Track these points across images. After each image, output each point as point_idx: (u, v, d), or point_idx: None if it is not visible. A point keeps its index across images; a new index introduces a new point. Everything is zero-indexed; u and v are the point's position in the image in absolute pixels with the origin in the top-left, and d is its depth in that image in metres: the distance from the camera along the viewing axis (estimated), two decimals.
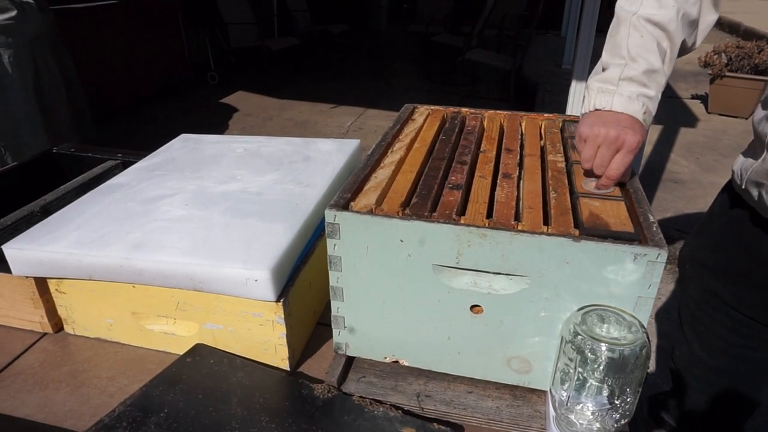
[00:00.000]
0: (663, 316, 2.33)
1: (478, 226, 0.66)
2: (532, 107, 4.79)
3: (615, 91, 0.78)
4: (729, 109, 4.42)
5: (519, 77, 5.66)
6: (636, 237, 0.64)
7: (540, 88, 5.37)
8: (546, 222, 0.69)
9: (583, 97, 0.83)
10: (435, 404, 0.75)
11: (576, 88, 3.90)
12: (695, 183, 3.26)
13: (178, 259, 0.79)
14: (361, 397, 0.75)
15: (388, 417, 0.72)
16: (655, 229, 0.65)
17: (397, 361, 0.80)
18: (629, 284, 0.64)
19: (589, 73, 2.64)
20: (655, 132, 4.11)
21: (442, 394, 0.77)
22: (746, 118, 4.33)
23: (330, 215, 0.70)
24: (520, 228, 0.67)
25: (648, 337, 0.62)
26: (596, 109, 0.79)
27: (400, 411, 0.73)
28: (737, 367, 1.07)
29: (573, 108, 3.82)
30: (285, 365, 0.84)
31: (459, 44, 5.91)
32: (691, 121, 4.41)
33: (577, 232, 0.65)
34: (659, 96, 0.81)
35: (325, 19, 7.61)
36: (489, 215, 0.71)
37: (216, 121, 4.90)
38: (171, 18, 5.43)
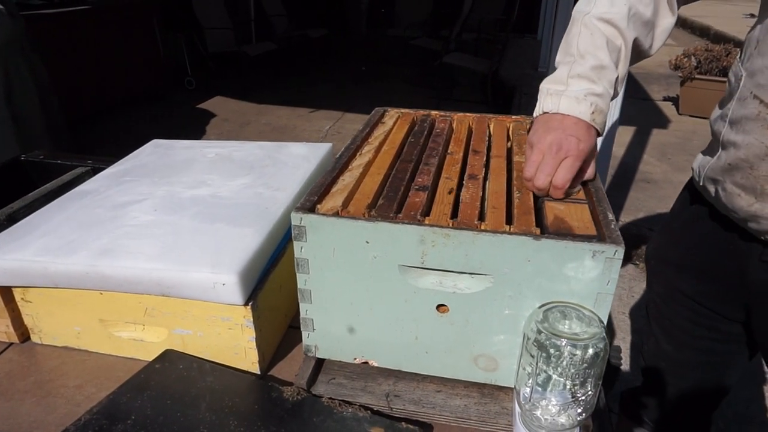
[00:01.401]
0: (637, 313, 2.38)
1: (441, 227, 0.67)
2: (509, 110, 4.84)
3: (563, 92, 0.78)
4: (699, 110, 4.52)
5: (496, 80, 5.72)
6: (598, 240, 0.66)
7: (517, 90, 5.43)
8: (509, 221, 0.70)
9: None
10: (404, 404, 0.76)
11: None
12: (667, 183, 3.33)
13: (145, 264, 0.79)
14: (330, 398, 0.76)
15: (357, 417, 0.72)
16: (613, 226, 0.67)
17: (366, 362, 0.80)
18: (589, 281, 0.65)
19: None
20: (628, 134, 4.18)
21: (411, 393, 0.78)
22: None
23: (296, 218, 0.70)
24: (483, 228, 0.68)
25: (607, 332, 0.64)
26: (544, 112, 0.79)
27: (368, 411, 0.73)
28: (702, 360, 1.10)
29: None
30: (255, 369, 0.84)
31: (437, 48, 5.96)
32: (663, 122, 4.50)
33: (538, 231, 0.67)
34: (611, 92, 0.81)
35: (303, 23, 7.61)
36: (454, 216, 0.72)
37: (193, 127, 4.87)
38: (146, 23, 5.38)
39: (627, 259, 2.75)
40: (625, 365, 2.05)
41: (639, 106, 5.00)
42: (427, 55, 6.31)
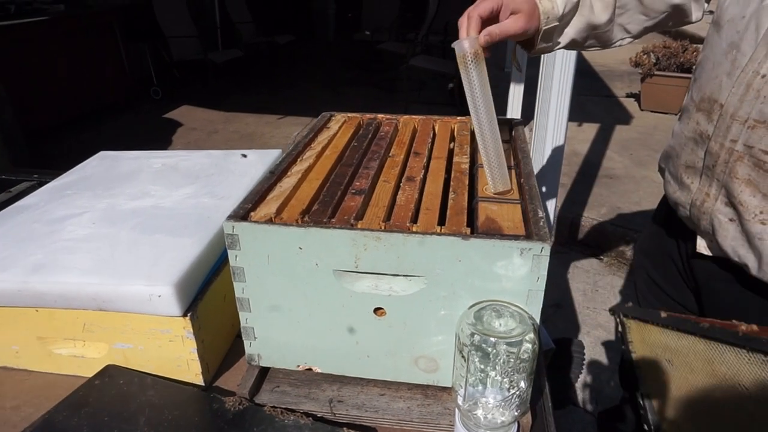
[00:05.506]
0: (602, 308, 2.41)
1: (372, 230, 0.67)
2: None
3: None
4: (660, 105, 4.62)
5: None
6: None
7: None
8: (442, 222, 0.71)
9: None
10: (347, 409, 0.76)
11: (514, 90, 4.00)
12: (629, 178, 3.39)
13: (79, 279, 0.77)
14: (272, 407, 0.75)
15: (298, 425, 0.72)
16: (541, 224, 0.68)
17: (310, 369, 0.80)
18: (519, 278, 0.66)
19: (525, 74, 2.67)
20: (592, 130, 4.26)
21: (355, 398, 0.78)
22: (676, 114, 4.54)
23: (228, 226, 0.70)
24: (414, 229, 0.68)
25: (536, 328, 0.64)
26: None
27: (310, 418, 0.73)
28: None
29: (512, 110, 3.92)
30: (199, 380, 0.83)
31: (404, 51, 5.97)
32: (625, 118, 4.59)
33: (468, 231, 0.67)
34: None
35: (270, 29, 7.55)
36: (389, 219, 0.72)
37: (159, 137, 4.79)
38: (108, 33, 5.28)
39: (590, 254, 2.79)
40: (597, 360, 2.08)
41: (603, 103, 5.09)
42: (394, 58, 6.32)
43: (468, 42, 0.75)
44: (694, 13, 0.90)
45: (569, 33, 0.90)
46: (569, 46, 0.93)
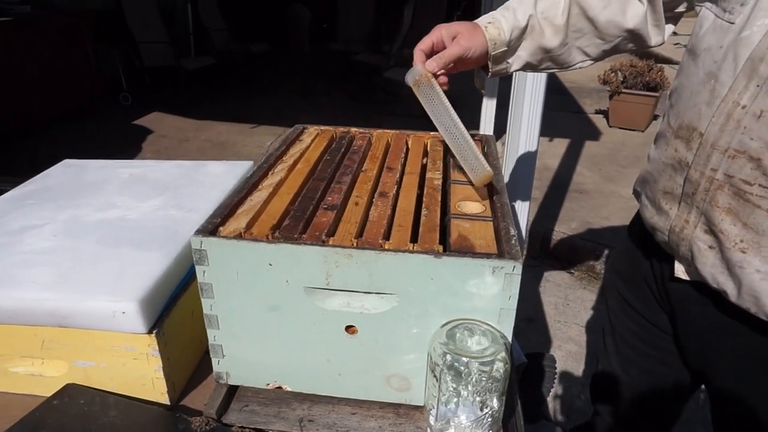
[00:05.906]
0: (573, 321, 2.44)
1: (344, 247, 0.66)
2: None
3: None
4: (627, 122, 4.74)
5: None
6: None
7: (458, 104, 5.53)
8: (414, 239, 0.70)
9: None
10: (318, 428, 0.74)
11: (487, 104, 4.05)
12: (598, 193, 3.46)
13: (37, 294, 0.74)
14: (240, 427, 0.73)
15: None
16: (513, 242, 0.68)
17: (280, 387, 0.78)
18: (491, 297, 0.66)
19: (498, 88, 2.73)
20: (562, 145, 4.34)
21: (326, 417, 0.76)
22: (642, 131, 4.67)
23: (196, 241, 0.68)
24: (386, 246, 0.67)
25: (508, 347, 0.64)
26: None
27: None
28: (643, 381, 1.08)
29: (485, 126, 3.97)
30: (165, 399, 0.80)
31: (378, 63, 6.01)
32: (594, 134, 4.70)
33: (441, 249, 0.67)
34: (522, 20, 0.90)
35: (245, 37, 7.51)
36: (361, 235, 0.71)
37: (128, 144, 4.69)
38: (76, 36, 5.16)
39: (561, 268, 2.83)
40: (568, 373, 2.10)
41: (572, 119, 5.20)
42: (369, 70, 6.35)
43: (417, 69, 0.86)
44: (653, 38, 0.92)
45: (522, 56, 0.93)
46: (525, 68, 0.96)
